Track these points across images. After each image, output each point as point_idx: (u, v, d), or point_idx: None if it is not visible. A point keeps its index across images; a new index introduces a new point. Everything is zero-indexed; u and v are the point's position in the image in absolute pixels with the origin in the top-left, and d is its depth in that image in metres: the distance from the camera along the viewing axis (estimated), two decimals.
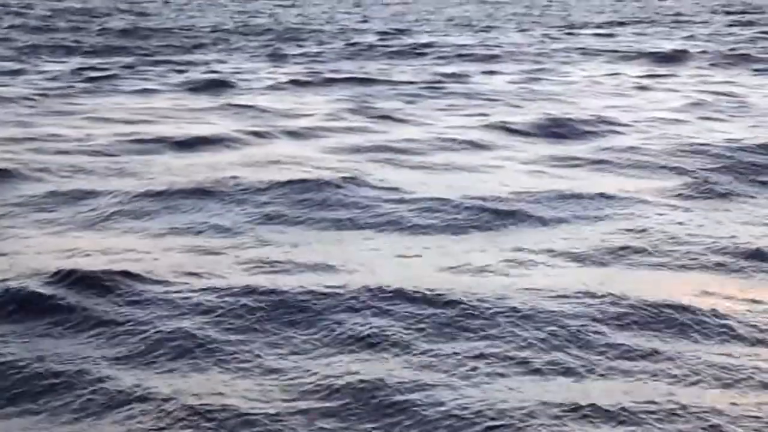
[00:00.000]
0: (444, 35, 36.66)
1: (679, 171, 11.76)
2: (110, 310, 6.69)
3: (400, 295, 6.88)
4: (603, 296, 7.00)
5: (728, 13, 54.28)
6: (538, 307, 6.75)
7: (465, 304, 6.76)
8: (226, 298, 6.84)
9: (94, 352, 6.15)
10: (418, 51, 29.14)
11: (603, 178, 11.50)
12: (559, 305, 6.80)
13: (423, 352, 6.05)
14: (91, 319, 6.58)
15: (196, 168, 11.66)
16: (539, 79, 22.34)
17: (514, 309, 6.68)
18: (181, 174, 11.27)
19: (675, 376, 5.80)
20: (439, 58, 27.27)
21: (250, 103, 17.45)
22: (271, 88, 20.23)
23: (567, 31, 39.39)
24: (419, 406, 5.41)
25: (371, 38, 34.63)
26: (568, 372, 5.83)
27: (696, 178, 11.44)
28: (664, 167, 11.93)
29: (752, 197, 10.45)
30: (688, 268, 7.91)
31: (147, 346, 6.18)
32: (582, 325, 6.43)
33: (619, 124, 15.26)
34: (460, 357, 5.99)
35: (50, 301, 6.82)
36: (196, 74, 22.34)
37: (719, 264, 8.00)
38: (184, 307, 6.73)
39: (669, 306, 6.79)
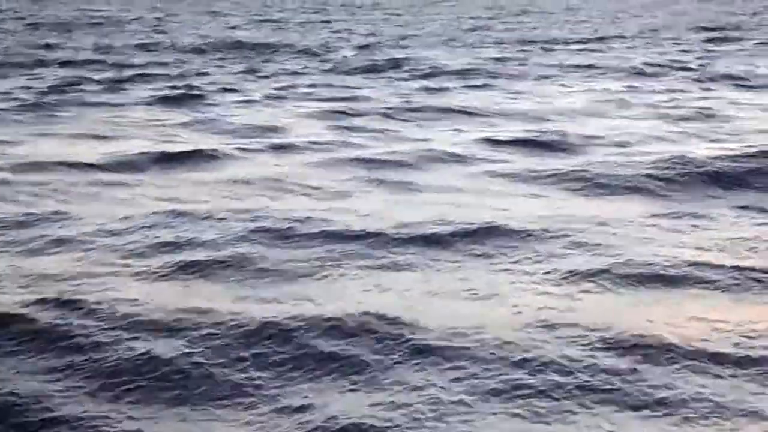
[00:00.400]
0: (423, 51, 36.61)
1: (658, 188, 11.67)
2: (85, 334, 6.51)
3: (383, 321, 6.71)
4: (582, 322, 6.86)
5: (705, 29, 54.57)
6: (516, 334, 6.59)
7: (444, 330, 6.61)
8: (207, 323, 6.69)
9: (69, 376, 6.00)
10: (396, 67, 29.07)
11: (583, 197, 11.40)
12: (538, 332, 6.65)
13: (404, 382, 5.90)
14: (64, 343, 6.41)
15: (176, 187, 11.48)
16: (518, 94, 22.31)
17: (493, 337, 6.52)
18: (159, 194, 11.07)
19: (658, 404, 5.69)
20: (419, 74, 27.20)
21: (228, 119, 17.32)
22: (250, 103, 20.10)
23: (546, 46, 39.46)
24: None
25: (350, 53, 34.56)
26: (549, 401, 5.70)
27: (675, 195, 11.37)
28: (643, 184, 11.83)
29: (732, 215, 10.36)
30: (666, 290, 7.77)
31: (125, 370, 6.03)
32: (561, 352, 6.29)
33: (599, 141, 15.21)
34: (439, 386, 5.84)
35: (22, 324, 6.65)
36: (175, 89, 22.17)
37: (698, 285, 7.86)
38: (164, 331, 6.57)
39: (650, 333, 6.64)
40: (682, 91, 23.32)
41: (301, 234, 9.09)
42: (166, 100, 20.16)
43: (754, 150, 13.33)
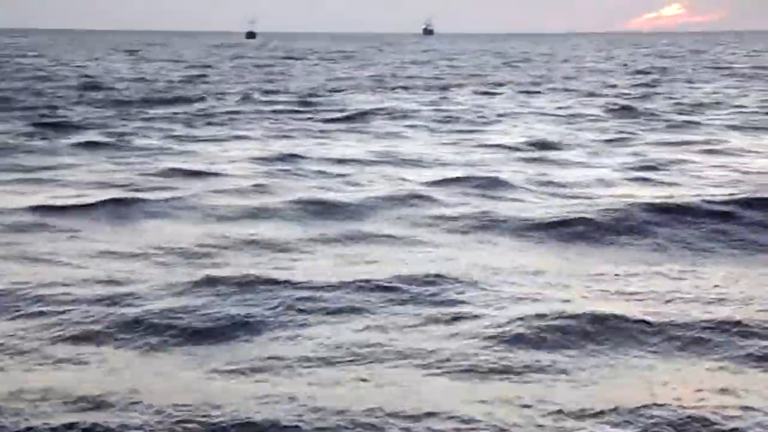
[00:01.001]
0: (360, 95, 36.61)
1: (596, 234, 11.40)
2: (11, 411, 5.95)
3: (325, 397, 6.31)
4: (518, 379, 6.61)
5: (638, 72, 55.47)
6: (459, 395, 6.32)
7: (390, 405, 6.25)
8: (139, 397, 6.13)
9: None
10: (334, 112, 28.98)
11: (522, 243, 11.01)
12: (482, 394, 6.34)
13: None
14: None
15: (115, 236, 11.03)
16: (458, 138, 22.24)
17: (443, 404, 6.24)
18: (95, 246, 10.49)
19: None
20: (356, 118, 27.13)
21: (165, 164, 16.99)
22: (187, 148, 19.79)
23: (482, 89, 39.68)
24: None
25: (286, 98, 34.39)
26: None
27: (613, 243, 11.15)
28: (583, 231, 11.56)
29: (678, 265, 10.10)
30: (606, 344, 7.36)
31: None
32: (508, 417, 6.01)
33: (538, 185, 15.13)
34: None
35: None
36: (108, 135, 21.84)
37: (630, 337, 7.45)
38: (95, 408, 6.04)
39: (589, 392, 6.40)
40: (620, 131, 23.44)
41: (244, 286, 8.72)
42: (98, 147, 19.77)
43: (678, 195, 13.22)
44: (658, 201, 12.91)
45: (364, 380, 6.64)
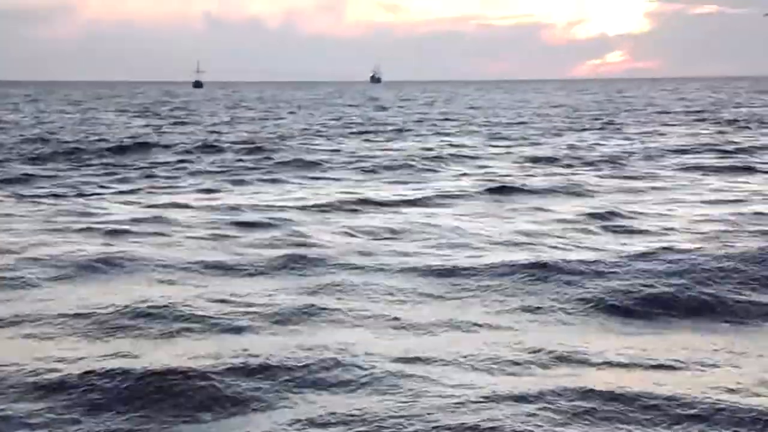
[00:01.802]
0: (307, 143, 36.45)
1: (561, 287, 10.99)
2: None
3: None
4: None
5: (590, 118, 55.87)
6: None
7: None
8: None
9: None
10: (286, 159, 28.73)
11: (484, 301, 10.57)
12: None
13: None
14: None
15: (55, 299, 10.57)
16: (417, 186, 22.07)
17: None
18: (52, 305, 10.08)
19: None
20: (313, 166, 26.96)
21: (116, 217, 16.61)
22: (137, 200, 19.44)
23: (440, 134, 39.69)
24: None
25: (234, 148, 34.02)
26: None
27: (579, 296, 10.75)
28: (540, 284, 11.05)
29: (647, 327, 9.67)
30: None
31: None
32: None
33: (495, 232, 14.82)
34: None
35: None
36: (60, 186, 21.41)
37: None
38: None
39: None
40: (575, 176, 23.28)
41: (201, 344, 8.34)
42: (48, 199, 19.37)
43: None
44: (617, 249, 12.68)
45: None
